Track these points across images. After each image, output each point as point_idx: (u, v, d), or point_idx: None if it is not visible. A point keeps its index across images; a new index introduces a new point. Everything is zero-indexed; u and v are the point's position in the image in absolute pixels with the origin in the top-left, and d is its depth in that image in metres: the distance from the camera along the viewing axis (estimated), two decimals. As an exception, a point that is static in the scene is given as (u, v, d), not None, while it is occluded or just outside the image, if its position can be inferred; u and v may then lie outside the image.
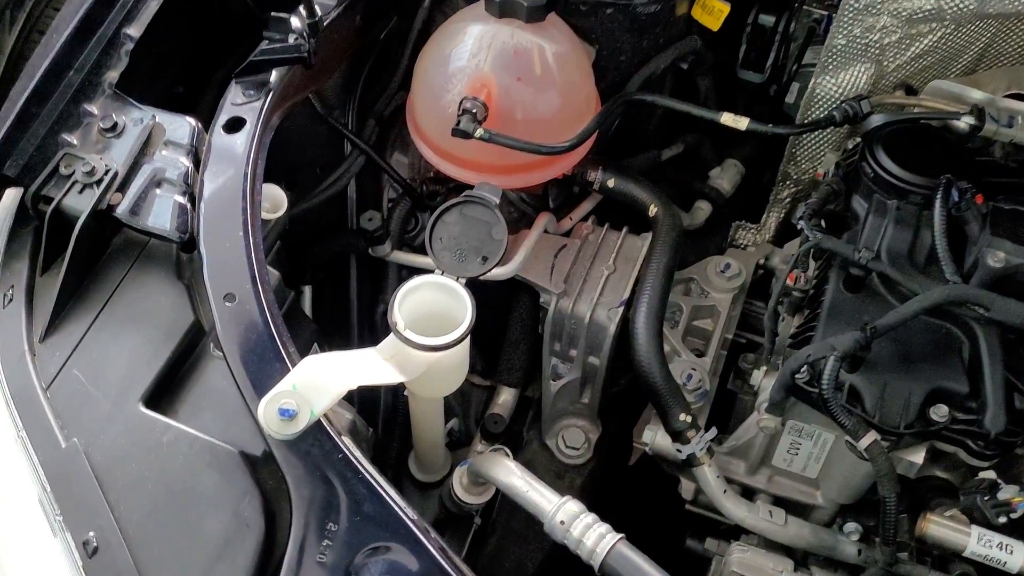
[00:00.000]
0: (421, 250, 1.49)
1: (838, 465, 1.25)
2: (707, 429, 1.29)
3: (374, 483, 0.92)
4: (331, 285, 1.46)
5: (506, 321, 1.50)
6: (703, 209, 1.71)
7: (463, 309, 1.07)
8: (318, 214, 1.38)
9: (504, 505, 1.45)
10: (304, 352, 1.14)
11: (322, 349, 1.30)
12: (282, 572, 0.87)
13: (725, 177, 1.75)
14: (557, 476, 1.54)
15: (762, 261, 1.59)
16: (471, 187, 1.31)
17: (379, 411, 1.45)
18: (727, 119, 1.35)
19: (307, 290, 1.42)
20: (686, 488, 1.44)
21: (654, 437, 1.36)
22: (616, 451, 1.62)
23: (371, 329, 1.48)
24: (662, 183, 1.52)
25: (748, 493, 1.37)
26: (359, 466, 0.93)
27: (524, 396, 1.57)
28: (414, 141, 1.37)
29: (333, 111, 1.42)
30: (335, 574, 0.87)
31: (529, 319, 1.48)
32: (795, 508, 1.34)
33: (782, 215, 1.75)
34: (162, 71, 1.32)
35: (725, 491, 1.29)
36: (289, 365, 0.97)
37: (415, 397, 1.22)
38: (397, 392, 1.44)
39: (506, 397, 1.52)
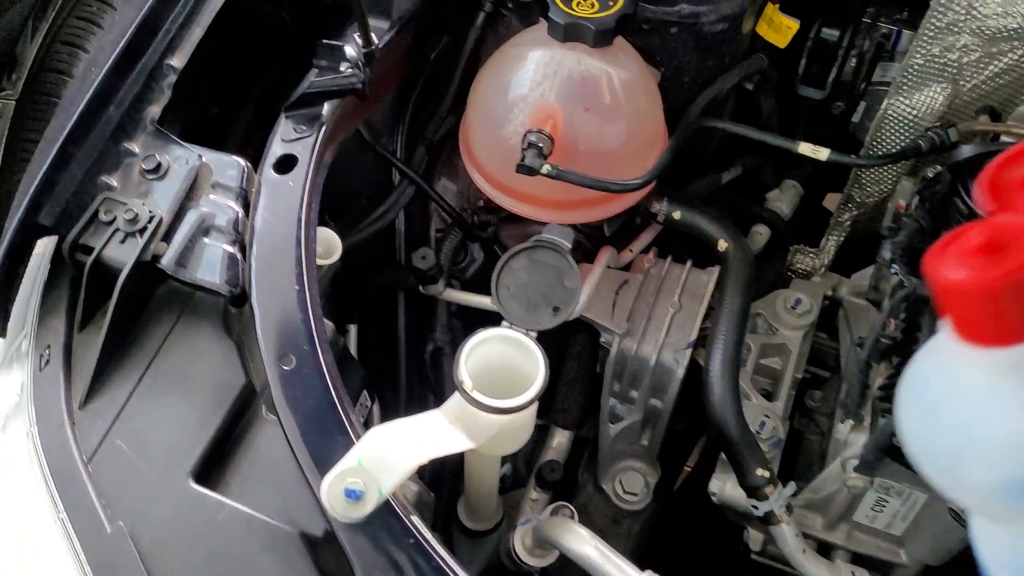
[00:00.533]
0: (471, 285, 1.40)
1: (929, 525, 1.17)
2: (781, 479, 1.21)
3: (449, 572, 0.83)
4: (377, 321, 1.38)
5: (561, 358, 1.41)
6: (761, 234, 1.61)
7: (534, 365, 0.99)
8: (365, 248, 1.30)
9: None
10: (354, 399, 1.06)
11: (372, 396, 1.22)
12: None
13: (784, 199, 1.66)
14: (614, 521, 1.46)
15: (829, 293, 1.51)
16: (525, 220, 1.22)
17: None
18: (805, 149, 1.26)
19: (352, 329, 1.33)
20: (754, 539, 1.35)
21: (723, 487, 1.28)
22: (671, 490, 1.54)
23: (419, 368, 1.40)
24: (717, 207, 1.43)
25: (824, 548, 1.29)
26: (432, 551, 0.85)
27: (578, 436, 1.49)
28: (469, 172, 1.28)
29: (380, 138, 1.33)
30: (410, 676, 0.79)
31: (587, 358, 1.39)
32: (874, 565, 1.26)
33: (842, 238, 1.67)
34: (197, 93, 1.23)
35: (804, 551, 1.20)
36: (352, 437, 0.88)
37: (474, 452, 1.13)
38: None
39: (560, 440, 1.43)
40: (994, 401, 0.62)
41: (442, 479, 1.39)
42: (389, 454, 0.87)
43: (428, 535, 0.86)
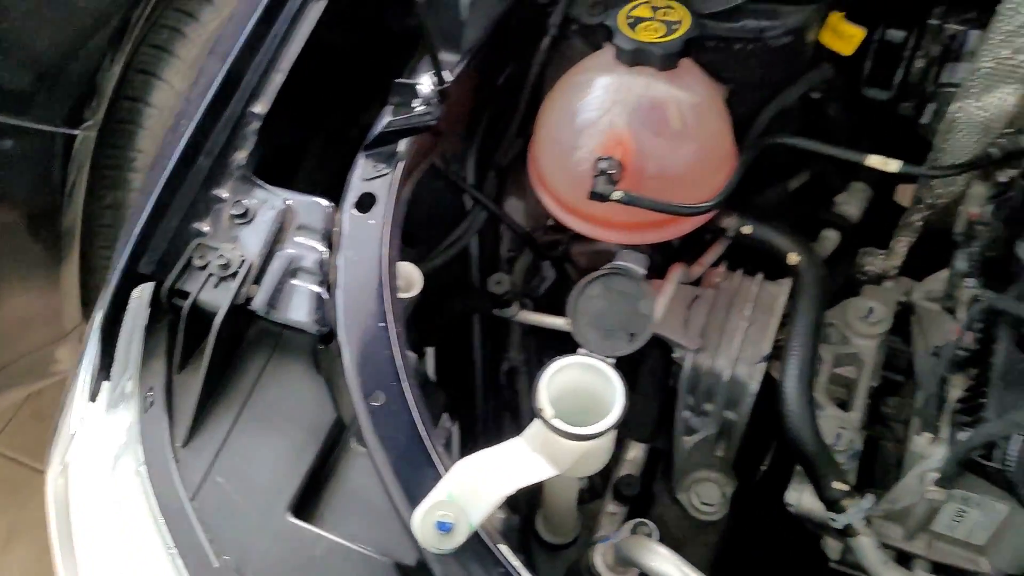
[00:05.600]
0: (543, 302, 1.43)
1: (1012, 536, 1.16)
2: (860, 485, 1.22)
3: (538, 599, 0.87)
4: (452, 342, 1.41)
5: (635, 373, 1.43)
6: (830, 238, 1.61)
7: (613, 392, 1.01)
8: (440, 274, 1.33)
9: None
10: (435, 422, 1.09)
11: (452, 418, 1.25)
12: None
13: (852, 202, 1.64)
14: (690, 532, 1.48)
15: (902, 299, 1.50)
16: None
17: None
18: (874, 161, 1.25)
19: (430, 351, 1.37)
20: (832, 548, 1.36)
21: (800, 498, 1.29)
22: (748, 499, 1.55)
23: (495, 386, 1.43)
24: (784, 215, 1.43)
25: (903, 558, 1.29)
26: (520, 580, 0.88)
27: (653, 448, 1.50)
28: (539, 196, 1.31)
29: (451, 164, 1.36)
30: None
31: (660, 372, 1.40)
32: (955, 575, 1.26)
33: (913, 239, 1.65)
34: (277, 133, 1.28)
35: (886, 562, 1.21)
36: (441, 470, 0.92)
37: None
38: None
39: (636, 453, 1.45)
40: None
41: (520, 493, 1.42)
42: (477, 486, 0.90)
43: (516, 563, 0.89)
